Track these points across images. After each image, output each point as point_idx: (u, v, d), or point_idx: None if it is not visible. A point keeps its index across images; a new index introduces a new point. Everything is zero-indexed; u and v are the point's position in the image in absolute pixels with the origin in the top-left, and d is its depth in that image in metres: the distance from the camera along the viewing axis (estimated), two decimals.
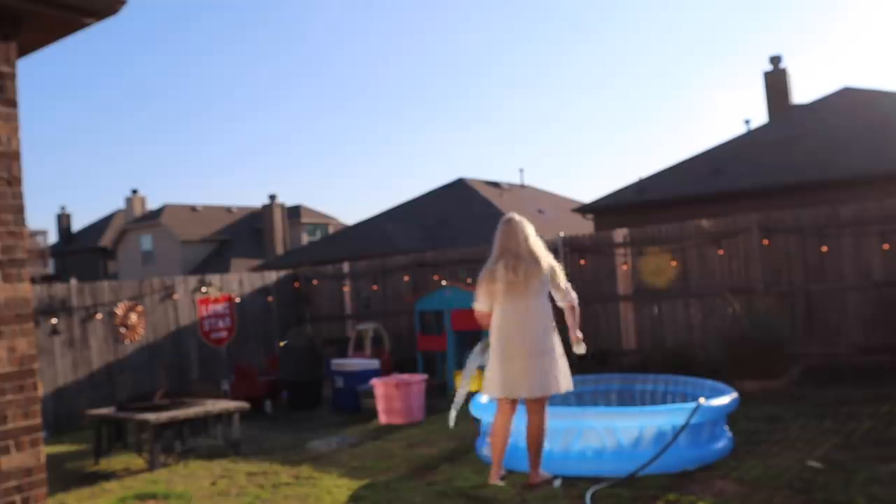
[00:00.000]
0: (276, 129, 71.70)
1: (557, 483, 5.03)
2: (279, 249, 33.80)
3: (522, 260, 4.95)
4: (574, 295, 5.23)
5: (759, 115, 35.74)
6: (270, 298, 12.80)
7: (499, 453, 5.13)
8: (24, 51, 3.70)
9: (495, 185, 28.59)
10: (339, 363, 9.60)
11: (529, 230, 5.06)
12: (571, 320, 5.24)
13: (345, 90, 75.64)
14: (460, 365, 10.06)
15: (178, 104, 68.54)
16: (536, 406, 5.01)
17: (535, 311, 4.95)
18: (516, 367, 4.91)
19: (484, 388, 5.14)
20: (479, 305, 5.13)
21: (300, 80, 72.24)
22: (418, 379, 8.29)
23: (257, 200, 48.44)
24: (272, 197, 35.13)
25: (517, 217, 5.15)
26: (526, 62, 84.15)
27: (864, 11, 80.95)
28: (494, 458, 5.16)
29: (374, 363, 9.59)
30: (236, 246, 36.81)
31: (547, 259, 5.06)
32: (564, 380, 5.01)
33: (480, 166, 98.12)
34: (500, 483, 5.14)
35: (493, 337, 5.04)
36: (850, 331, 8.89)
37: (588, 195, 48.22)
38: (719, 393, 5.84)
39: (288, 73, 72.27)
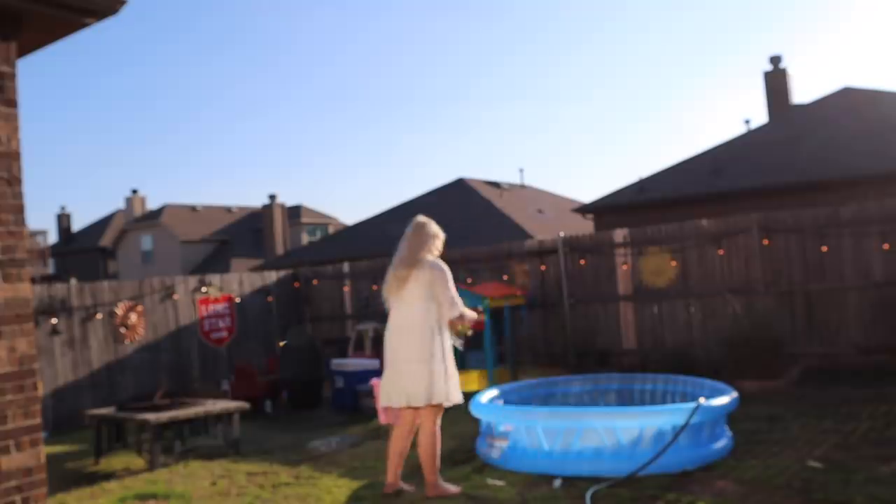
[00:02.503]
0: (276, 129, 71.72)
1: (557, 483, 5.04)
2: (279, 249, 33.78)
3: (403, 265, 4.88)
4: (462, 310, 4.90)
5: (759, 115, 35.75)
6: (270, 298, 12.80)
7: (392, 461, 4.98)
8: (24, 51, 3.70)
9: (495, 185, 28.58)
10: (339, 363, 9.60)
11: (420, 235, 4.93)
12: (462, 319, 4.96)
13: (345, 91, 75.67)
14: (460, 365, 10.09)
15: (179, 104, 68.57)
16: (423, 416, 4.84)
17: (412, 317, 4.80)
18: (393, 375, 4.83)
19: (382, 398, 4.96)
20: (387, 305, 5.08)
21: (300, 81, 72.27)
22: None
23: (257, 200, 48.53)
24: (272, 197, 35.11)
25: (418, 220, 5.04)
26: (526, 63, 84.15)
27: (864, 11, 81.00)
28: (388, 466, 5.00)
29: (374, 363, 9.57)
30: (236, 246, 36.80)
31: (427, 266, 4.85)
32: (451, 390, 4.78)
33: (480, 166, 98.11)
34: (405, 487, 5.06)
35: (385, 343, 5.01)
36: (850, 331, 8.89)
37: (588, 195, 48.22)
38: (719, 393, 5.84)
39: (288, 73, 72.29)
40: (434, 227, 5.00)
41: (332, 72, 74.35)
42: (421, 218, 5.06)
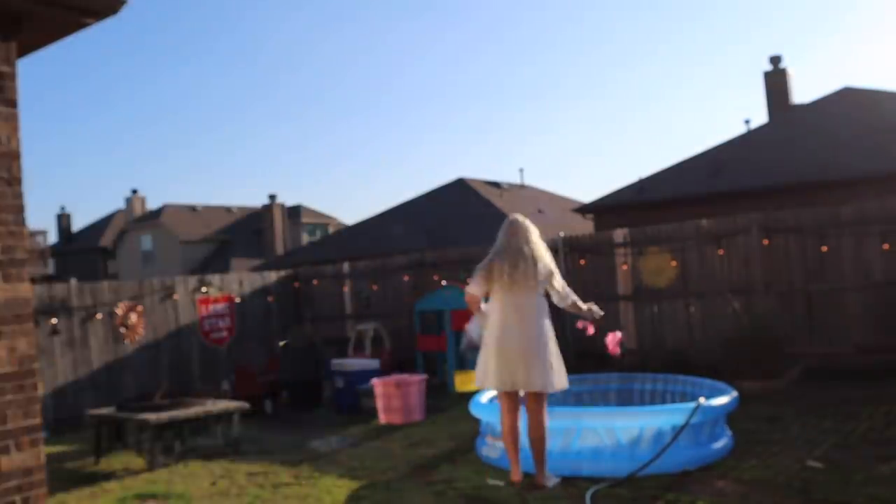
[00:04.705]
0: (276, 128, 71.75)
1: (557, 483, 5.04)
2: (279, 249, 33.80)
3: (524, 259, 5.10)
4: (573, 296, 5.42)
5: (759, 115, 35.75)
6: (270, 298, 12.80)
7: (513, 453, 5.13)
8: (24, 50, 3.70)
9: (495, 185, 28.59)
10: (339, 363, 9.61)
11: (534, 231, 5.29)
12: (578, 309, 5.46)
13: (345, 91, 75.68)
14: (460, 365, 10.09)
15: (179, 104, 68.58)
16: (534, 405, 5.03)
17: (533, 308, 5.09)
18: (514, 361, 4.99)
19: (479, 380, 5.17)
20: (474, 289, 5.18)
21: (300, 81, 72.27)
22: (418, 378, 8.30)
23: (257, 200, 48.44)
24: (272, 197, 35.13)
25: (522, 218, 5.38)
26: (526, 63, 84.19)
27: (864, 11, 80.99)
28: (511, 458, 5.15)
29: (374, 363, 9.59)
30: (236, 246, 36.79)
31: (545, 260, 5.22)
32: (559, 378, 5.07)
33: (480, 166, 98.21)
34: (502, 482, 5.14)
35: (491, 329, 5.12)
36: (850, 331, 8.88)
37: (588, 195, 48.21)
38: (719, 392, 5.84)
39: (288, 73, 72.31)
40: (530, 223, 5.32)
41: (332, 72, 74.40)
42: (521, 216, 5.39)
